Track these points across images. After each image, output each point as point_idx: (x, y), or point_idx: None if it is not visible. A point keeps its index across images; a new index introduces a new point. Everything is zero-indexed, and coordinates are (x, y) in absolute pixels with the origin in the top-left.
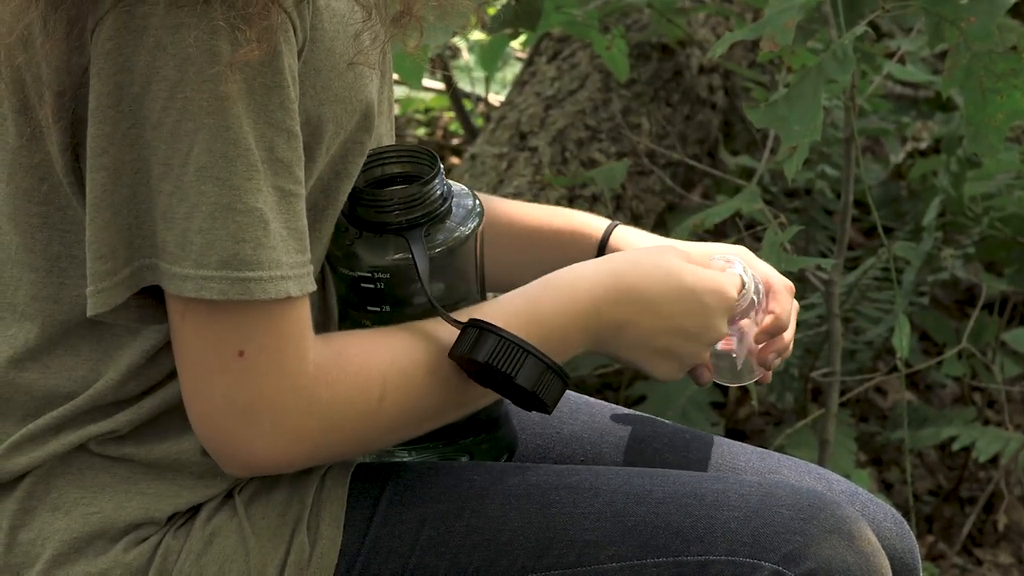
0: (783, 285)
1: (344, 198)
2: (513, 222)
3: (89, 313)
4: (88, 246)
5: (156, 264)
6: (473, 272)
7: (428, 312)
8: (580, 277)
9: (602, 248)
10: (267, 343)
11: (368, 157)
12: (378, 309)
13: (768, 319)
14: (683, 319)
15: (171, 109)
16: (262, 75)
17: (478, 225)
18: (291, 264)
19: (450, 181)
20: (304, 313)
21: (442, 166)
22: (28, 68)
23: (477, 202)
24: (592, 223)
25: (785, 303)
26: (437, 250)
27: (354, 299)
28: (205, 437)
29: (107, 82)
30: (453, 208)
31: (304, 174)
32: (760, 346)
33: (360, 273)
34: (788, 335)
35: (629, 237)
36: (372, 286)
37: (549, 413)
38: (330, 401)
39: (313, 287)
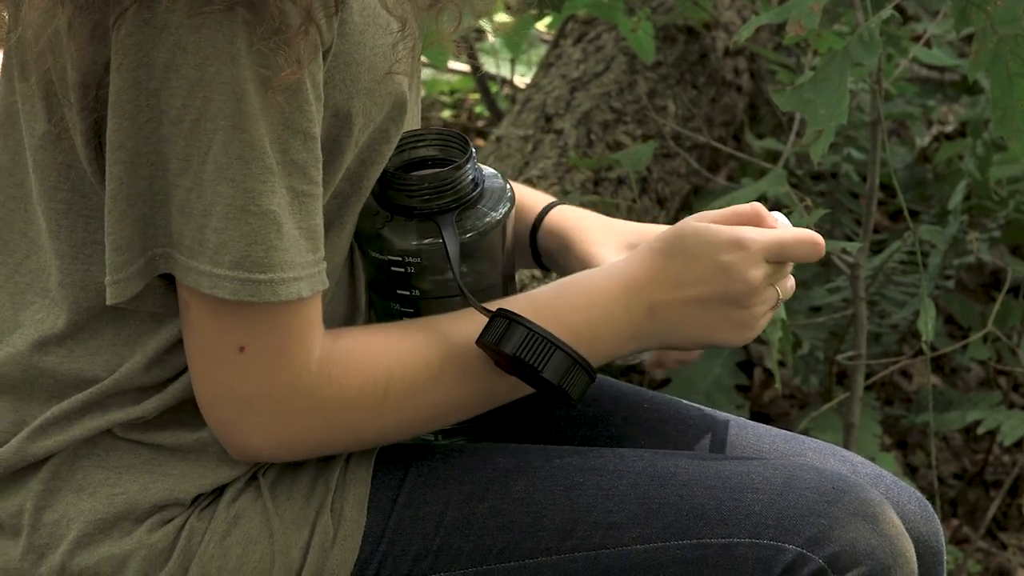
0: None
1: (370, 186)
2: None
3: (108, 302)
4: (107, 237)
5: (171, 254)
6: (501, 257)
7: (457, 297)
8: (594, 280)
9: (536, 226)
10: (271, 340)
11: (400, 140)
12: (407, 293)
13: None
14: (708, 283)
15: (190, 107)
16: (284, 78)
17: (509, 210)
18: (304, 264)
19: (481, 166)
20: (312, 311)
21: (474, 151)
22: (55, 66)
23: (508, 187)
24: (536, 200)
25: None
26: (468, 235)
27: (384, 282)
28: (209, 422)
29: (126, 77)
30: (484, 193)
31: (329, 169)
32: None
33: (390, 257)
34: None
35: (568, 214)
36: (402, 270)
37: (574, 407)
38: (332, 397)
39: (325, 285)
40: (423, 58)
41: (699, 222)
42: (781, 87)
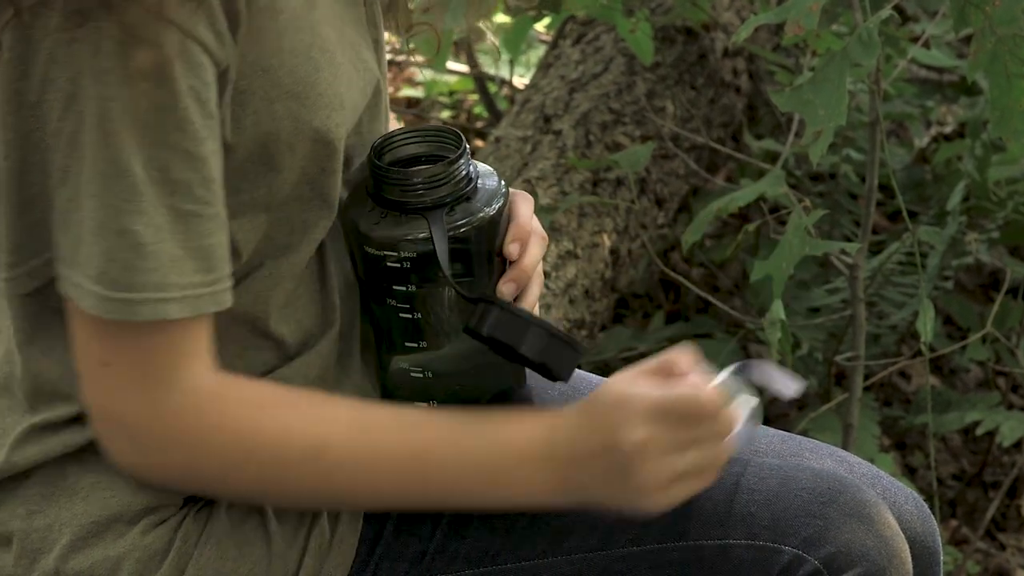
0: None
1: (332, 197)
2: None
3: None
4: (2, 238)
5: (54, 261)
6: (494, 253)
7: (452, 292)
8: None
9: None
10: (133, 360)
11: (394, 136)
12: (403, 288)
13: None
14: (591, 445)
15: (67, 120)
16: (155, 96)
17: (503, 206)
18: (182, 285)
19: (476, 162)
20: (187, 336)
21: (468, 146)
22: None
23: (502, 183)
24: None
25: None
26: (461, 230)
27: (379, 279)
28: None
29: (8, 89)
30: (478, 189)
31: (270, 178)
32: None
33: (385, 252)
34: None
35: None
36: (398, 265)
37: (565, 381)
38: (198, 439)
39: (219, 306)
40: (420, 58)
41: (618, 378)
42: (780, 88)
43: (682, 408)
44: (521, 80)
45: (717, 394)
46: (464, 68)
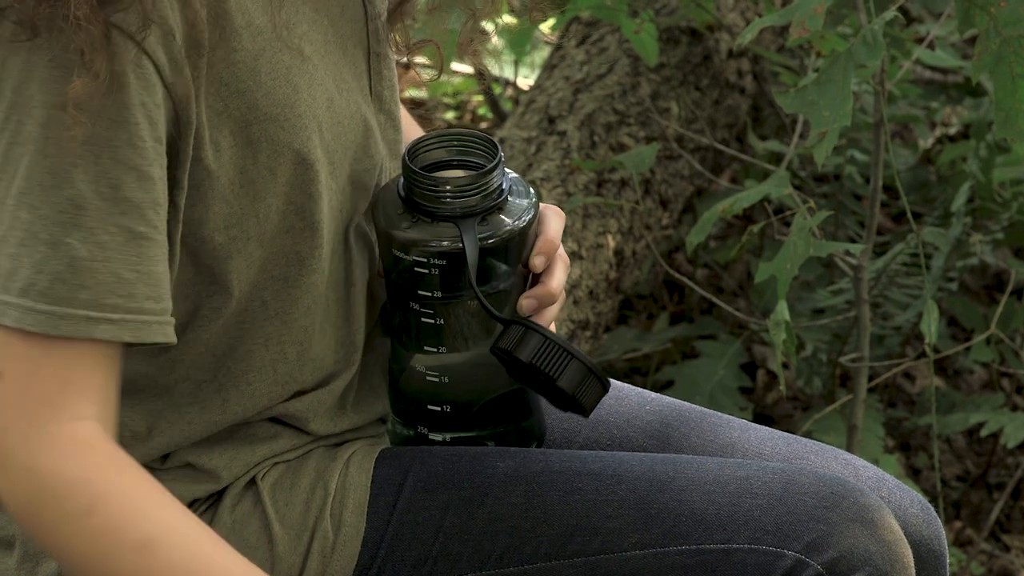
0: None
1: (320, 223)
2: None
3: None
4: None
5: None
6: (521, 265)
7: (474, 301)
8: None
9: None
10: (32, 374)
11: (427, 141)
12: (429, 295)
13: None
14: None
15: (5, 131)
16: (106, 110)
17: (533, 218)
18: (129, 309)
19: (509, 171)
20: (99, 371)
21: (503, 156)
22: None
23: (533, 195)
24: None
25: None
26: (490, 241)
27: (405, 283)
28: None
29: None
30: (509, 200)
31: (252, 202)
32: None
33: (414, 258)
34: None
35: None
36: (426, 271)
37: (586, 416)
38: (40, 485)
39: (165, 339)
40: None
41: None
42: (784, 89)
43: None
44: (525, 81)
45: None
46: (468, 69)
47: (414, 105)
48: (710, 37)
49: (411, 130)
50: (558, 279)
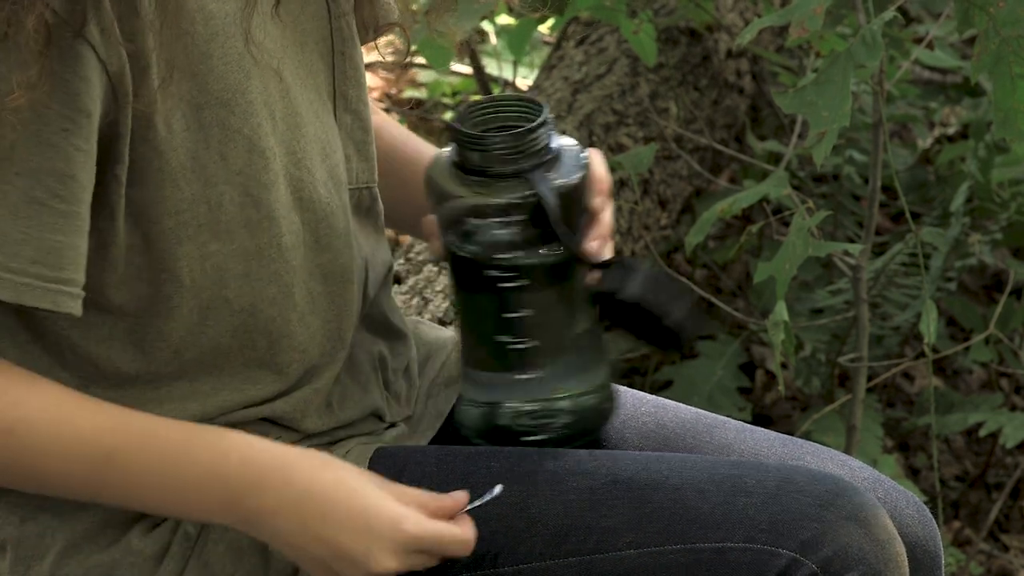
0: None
1: (278, 215)
2: (386, 145)
3: None
4: None
5: None
6: (576, 223)
7: (564, 253)
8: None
9: None
10: None
11: (480, 105)
12: (510, 256)
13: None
14: (345, 535)
15: None
16: (14, 74)
17: (584, 177)
18: (11, 269)
19: (556, 133)
20: None
21: (551, 116)
22: None
23: (583, 155)
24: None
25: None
26: (564, 187)
27: (481, 252)
28: None
29: None
30: (559, 158)
31: (202, 182)
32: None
33: (492, 219)
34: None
35: None
36: (504, 231)
37: (681, 352)
38: None
39: (54, 307)
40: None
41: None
42: (783, 89)
43: (436, 548)
44: (525, 81)
45: (471, 530)
46: (467, 69)
47: (413, 105)
48: (709, 37)
49: (385, 128)
50: (609, 214)
